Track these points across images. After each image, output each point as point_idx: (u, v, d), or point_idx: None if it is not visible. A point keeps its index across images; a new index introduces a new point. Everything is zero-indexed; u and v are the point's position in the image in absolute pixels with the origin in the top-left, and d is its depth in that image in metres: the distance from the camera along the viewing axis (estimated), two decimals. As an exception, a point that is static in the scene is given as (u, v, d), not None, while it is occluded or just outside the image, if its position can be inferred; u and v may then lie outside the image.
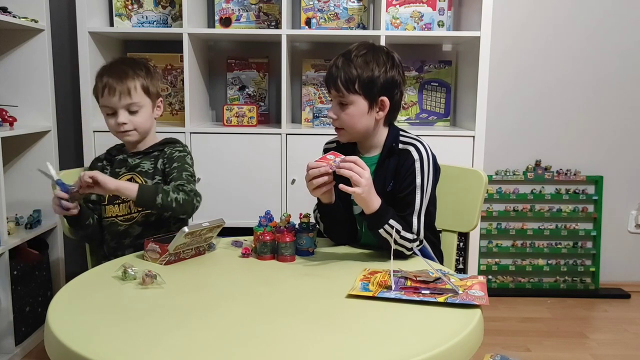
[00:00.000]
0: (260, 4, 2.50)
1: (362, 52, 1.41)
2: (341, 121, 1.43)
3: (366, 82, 1.38)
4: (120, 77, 1.57)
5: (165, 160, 1.63)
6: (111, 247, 1.63)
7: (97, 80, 1.60)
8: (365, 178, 1.28)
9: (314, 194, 1.37)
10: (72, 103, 2.66)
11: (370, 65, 1.39)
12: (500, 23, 2.69)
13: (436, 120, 2.61)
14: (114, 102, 1.57)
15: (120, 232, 1.61)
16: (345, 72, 1.39)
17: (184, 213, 1.54)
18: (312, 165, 1.32)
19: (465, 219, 1.66)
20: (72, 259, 2.57)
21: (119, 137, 1.65)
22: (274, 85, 2.66)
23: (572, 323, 2.57)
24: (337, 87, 1.40)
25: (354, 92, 1.39)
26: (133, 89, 1.58)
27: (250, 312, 1.06)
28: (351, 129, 1.43)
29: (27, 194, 2.37)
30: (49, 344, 0.97)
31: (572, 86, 2.84)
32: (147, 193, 1.47)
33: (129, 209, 1.60)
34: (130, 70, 1.59)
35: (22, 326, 2.19)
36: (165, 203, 1.47)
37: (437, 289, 1.13)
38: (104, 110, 1.61)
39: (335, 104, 1.44)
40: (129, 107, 1.59)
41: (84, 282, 1.23)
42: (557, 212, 2.88)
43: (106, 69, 1.62)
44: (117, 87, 1.56)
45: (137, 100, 1.59)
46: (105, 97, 1.58)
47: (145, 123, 1.63)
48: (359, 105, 1.40)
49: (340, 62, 1.41)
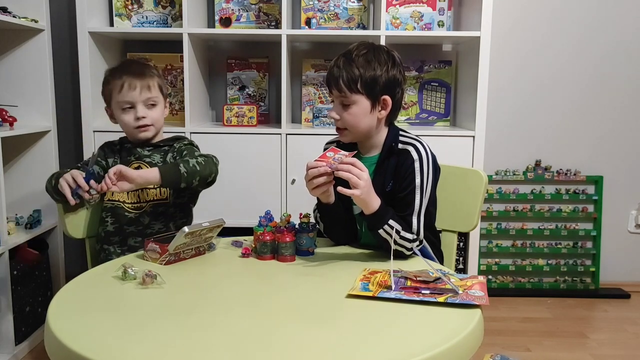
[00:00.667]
0: (260, 4, 2.50)
1: (362, 52, 1.41)
2: (344, 121, 1.43)
3: (368, 81, 1.39)
4: (140, 74, 1.63)
5: (175, 154, 1.68)
6: (108, 230, 1.63)
7: (112, 79, 1.64)
8: (364, 179, 1.28)
9: (313, 193, 1.37)
10: (72, 103, 2.66)
11: (372, 64, 1.39)
12: (500, 23, 2.69)
13: (436, 120, 2.61)
14: (134, 96, 1.61)
15: (127, 219, 1.62)
16: (347, 72, 1.39)
17: (210, 173, 1.59)
18: (311, 165, 1.32)
19: (465, 219, 1.66)
20: (72, 259, 2.57)
21: (134, 134, 1.66)
22: (274, 85, 2.66)
23: (572, 323, 2.57)
24: (339, 87, 1.40)
25: (357, 91, 1.39)
26: (152, 85, 1.65)
27: (250, 312, 1.06)
28: (354, 128, 1.43)
29: (27, 194, 2.37)
30: (49, 344, 0.97)
31: (572, 86, 2.84)
32: (169, 169, 1.53)
33: (137, 198, 1.63)
34: (146, 69, 1.66)
35: (22, 326, 2.19)
36: (189, 169, 1.53)
37: (437, 289, 1.13)
38: (119, 106, 1.63)
39: (337, 104, 1.44)
40: (147, 102, 1.64)
41: (84, 282, 1.23)
42: (557, 212, 2.88)
43: (121, 69, 1.66)
44: (138, 82, 1.62)
45: (155, 94, 1.65)
46: (125, 92, 1.61)
47: (160, 119, 1.69)
48: (362, 104, 1.40)
49: (341, 62, 1.41)
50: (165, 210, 1.66)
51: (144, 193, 1.63)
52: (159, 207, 1.64)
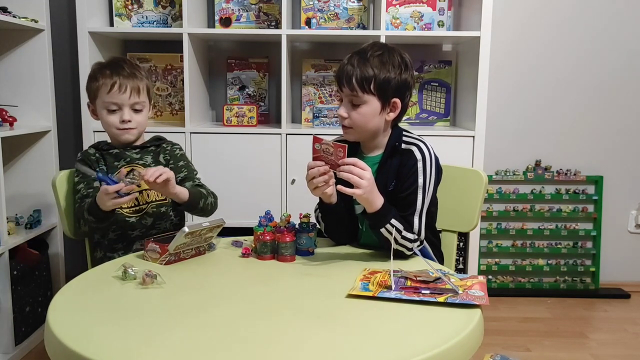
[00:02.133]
0: (260, 4, 2.50)
1: (377, 53, 1.40)
2: (352, 120, 1.42)
3: (382, 82, 1.38)
4: (131, 76, 1.61)
5: (168, 157, 1.69)
6: (111, 238, 1.63)
7: (102, 76, 1.60)
8: (366, 179, 1.28)
9: (314, 193, 1.37)
10: (72, 103, 2.66)
11: (386, 66, 1.39)
12: (500, 23, 2.69)
13: (436, 120, 2.61)
14: (123, 99, 1.60)
15: (129, 224, 1.62)
16: (361, 71, 1.38)
17: (210, 214, 1.65)
18: (311, 165, 1.32)
19: (465, 219, 1.66)
20: (72, 259, 2.57)
21: (116, 135, 1.65)
22: (274, 85, 2.66)
23: (572, 323, 2.57)
24: (351, 85, 1.39)
25: (369, 92, 1.39)
26: (142, 88, 1.63)
27: (250, 311, 1.06)
28: (361, 128, 1.43)
29: (27, 194, 2.37)
30: (49, 343, 0.97)
31: (572, 86, 2.84)
32: (196, 197, 1.59)
33: (136, 201, 1.62)
34: (136, 71, 1.64)
35: (22, 326, 2.19)
36: (204, 207, 1.61)
37: (437, 289, 1.13)
38: (105, 106, 1.62)
39: (346, 102, 1.43)
40: (134, 106, 1.62)
41: (84, 282, 1.23)
42: (557, 212, 2.88)
43: (112, 68, 1.62)
44: (129, 84, 1.60)
45: (142, 99, 1.64)
46: (114, 93, 1.59)
47: (144, 123, 1.68)
48: (372, 105, 1.40)
49: (355, 60, 1.40)
50: (167, 211, 1.66)
51: (144, 196, 1.63)
52: (161, 206, 1.65)
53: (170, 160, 1.68)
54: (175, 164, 1.68)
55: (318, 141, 1.31)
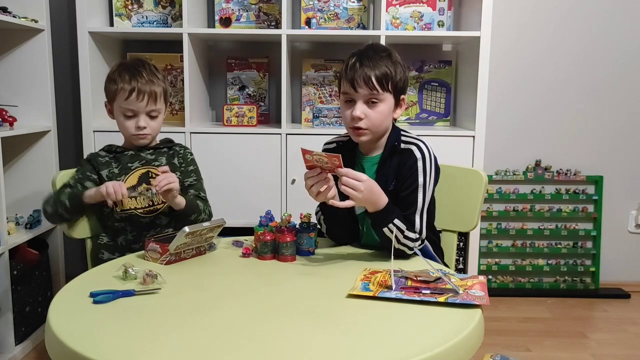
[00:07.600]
0: (260, 4, 2.50)
1: (384, 53, 1.42)
2: (370, 120, 1.41)
3: (397, 80, 1.41)
4: (149, 83, 1.61)
5: (182, 160, 1.71)
6: (129, 239, 1.63)
7: (121, 81, 1.60)
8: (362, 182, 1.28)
9: (317, 199, 1.36)
10: (72, 103, 2.66)
11: (396, 65, 1.42)
12: (500, 23, 2.69)
13: (436, 120, 2.61)
14: (140, 107, 1.61)
15: (144, 224, 1.62)
16: (379, 69, 1.39)
17: None
18: (308, 175, 1.32)
19: (465, 219, 1.66)
20: (72, 259, 2.57)
21: (131, 139, 1.66)
22: (274, 85, 2.66)
23: (572, 323, 2.57)
24: (371, 84, 1.38)
25: (387, 90, 1.40)
26: (159, 95, 1.63)
27: (251, 312, 1.06)
28: (376, 128, 1.43)
29: (27, 194, 2.37)
30: (49, 343, 0.97)
31: (572, 86, 2.84)
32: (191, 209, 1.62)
33: (151, 202, 1.62)
34: (155, 78, 1.63)
35: (22, 326, 2.19)
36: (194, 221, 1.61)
37: (438, 289, 1.13)
38: (122, 111, 1.62)
39: (360, 104, 1.41)
40: (150, 113, 1.63)
41: (84, 282, 1.23)
42: (557, 212, 2.88)
43: (131, 72, 1.61)
44: (146, 92, 1.60)
45: (159, 107, 1.65)
46: (132, 100, 1.59)
47: (159, 128, 1.69)
48: (388, 103, 1.42)
49: (368, 61, 1.40)
50: None
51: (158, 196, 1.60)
52: None
53: (182, 164, 1.71)
54: (186, 168, 1.70)
55: (308, 153, 1.30)
